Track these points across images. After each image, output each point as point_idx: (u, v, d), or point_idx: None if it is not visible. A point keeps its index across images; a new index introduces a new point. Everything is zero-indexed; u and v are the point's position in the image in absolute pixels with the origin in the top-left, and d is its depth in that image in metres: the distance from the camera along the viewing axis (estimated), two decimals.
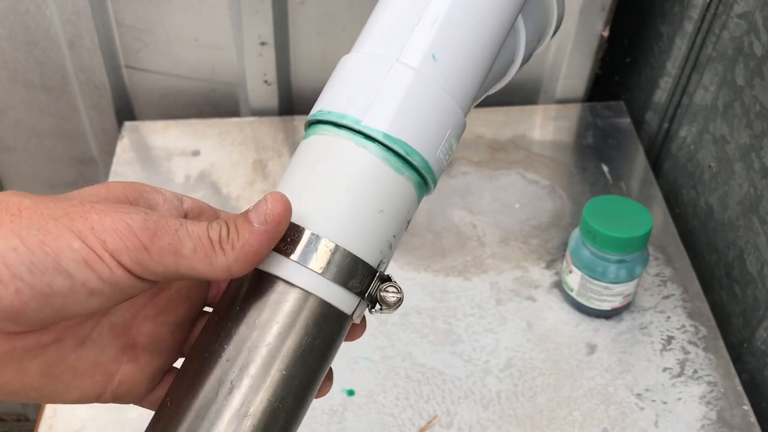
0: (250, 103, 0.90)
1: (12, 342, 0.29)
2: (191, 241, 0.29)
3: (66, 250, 0.27)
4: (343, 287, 0.32)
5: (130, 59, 0.87)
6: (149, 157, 0.83)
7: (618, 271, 0.64)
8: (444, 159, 0.34)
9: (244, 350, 0.31)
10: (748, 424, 0.61)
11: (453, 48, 0.34)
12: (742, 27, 0.67)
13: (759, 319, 0.65)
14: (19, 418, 1.20)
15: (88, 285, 0.28)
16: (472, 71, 0.34)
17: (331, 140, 0.32)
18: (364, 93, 0.33)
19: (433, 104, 0.33)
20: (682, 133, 0.80)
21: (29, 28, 0.82)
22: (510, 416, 0.61)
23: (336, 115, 0.32)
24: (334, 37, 0.87)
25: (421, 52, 0.33)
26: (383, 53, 0.34)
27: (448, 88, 0.33)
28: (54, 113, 0.90)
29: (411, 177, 0.33)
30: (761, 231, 0.65)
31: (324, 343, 0.32)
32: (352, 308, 0.32)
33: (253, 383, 0.30)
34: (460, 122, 0.34)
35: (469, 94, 0.35)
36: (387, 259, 0.33)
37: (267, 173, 0.81)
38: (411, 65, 0.33)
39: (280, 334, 0.31)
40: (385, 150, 0.32)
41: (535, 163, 0.83)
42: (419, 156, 0.32)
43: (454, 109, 0.34)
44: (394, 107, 0.32)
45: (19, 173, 0.95)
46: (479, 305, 0.69)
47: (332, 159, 0.32)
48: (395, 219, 0.33)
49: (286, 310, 0.31)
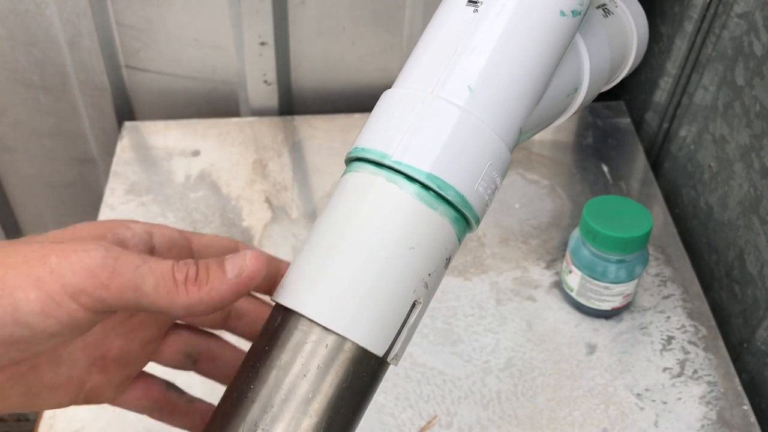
0: (250, 103, 0.90)
1: None
2: (153, 278, 0.29)
3: (23, 303, 0.27)
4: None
5: (130, 59, 0.87)
6: (149, 157, 0.83)
7: (618, 271, 0.64)
8: (485, 193, 0.33)
9: (276, 395, 0.30)
10: (748, 424, 0.61)
11: (490, 79, 0.33)
12: (742, 27, 0.67)
13: (759, 319, 0.65)
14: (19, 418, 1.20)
15: (48, 331, 0.28)
16: (513, 102, 0.33)
17: (361, 176, 0.32)
18: (395, 128, 0.32)
19: (466, 135, 0.32)
20: (682, 133, 0.80)
21: (29, 28, 0.82)
22: (510, 416, 0.61)
23: (367, 151, 0.32)
24: (334, 37, 0.87)
25: (454, 84, 0.32)
26: (416, 87, 0.33)
27: (485, 119, 0.32)
28: (54, 113, 0.90)
29: (446, 212, 0.32)
30: (761, 231, 0.65)
31: (360, 390, 0.31)
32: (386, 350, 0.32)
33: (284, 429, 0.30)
34: (502, 154, 0.33)
35: (512, 126, 0.33)
36: (424, 299, 0.32)
37: (267, 173, 0.81)
38: (442, 97, 0.32)
39: (315, 380, 0.30)
40: (416, 184, 0.31)
41: (534, 163, 0.83)
42: (453, 190, 0.31)
43: (493, 140, 0.32)
44: (423, 140, 0.31)
45: (19, 173, 0.95)
46: (479, 305, 0.69)
47: (364, 196, 0.32)
48: (429, 256, 0.32)
49: (321, 355, 0.30)
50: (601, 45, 0.39)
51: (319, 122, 0.87)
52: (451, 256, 0.33)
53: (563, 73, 0.36)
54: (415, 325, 0.32)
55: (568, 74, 0.37)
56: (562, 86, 0.37)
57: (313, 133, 0.86)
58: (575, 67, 0.37)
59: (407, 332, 0.32)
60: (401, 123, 0.32)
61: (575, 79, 0.38)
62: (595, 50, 0.38)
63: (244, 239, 0.74)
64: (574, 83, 0.38)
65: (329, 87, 0.91)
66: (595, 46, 0.38)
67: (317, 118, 0.88)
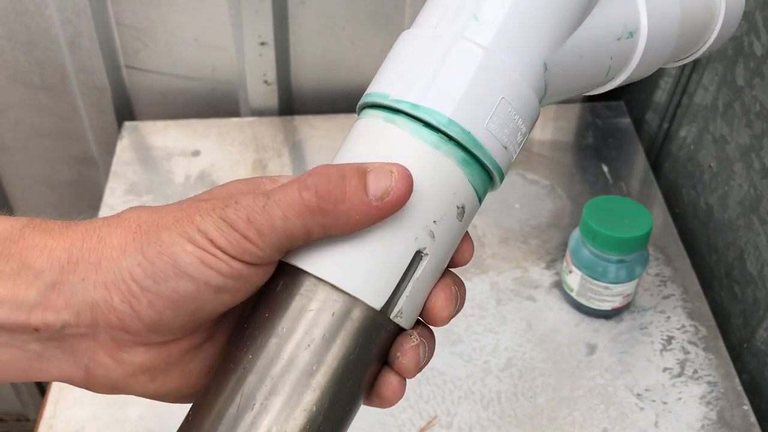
0: (250, 103, 0.90)
1: (167, 349, 0.30)
2: (281, 211, 0.28)
3: (181, 255, 0.28)
4: None
5: (129, 59, 0.87)
6: (149, 157, 0.83)
7: (618, 271, 0.64)
8: (501, 134, 0.29)
9: (275, 365, 0.28)
10: (748, 425, 0.61)
11: (501, 5, 0.29)
12: (743, 27, 0.67)
13: (759, 319, 0.65)
14: (19, 418, 1.20)
15: (212, 283, 0.28)
16: (527, 26, 0.29)
17: (364, 121, 0.30)
18: (393, 69, 0.30)
19: (470, 66, 0.28)
20: (682, 133, 0.80)
21: (29, 28, 0.82)
22: (510, 416, 0.61)
23: (369, 95, 0.30)
24: (334, 37, 0.87)
25: (458, 16, 0.29)
26: (418, 25, 0.30)
27: (497, 50, 0.29)
28: (54, 113, 0.90)
29: (451, 152, 0.29)
30: (761, 231, 0.65)
31: (365, 357, 0.29)
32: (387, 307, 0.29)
33: (284, 404, 0.28)
34: (519, 90, 0.29)
35: (529, 56, 0.29)
36: (432, 251, 0.29)
37: (267, 173, 0.81)
38: (440, 29, 0.29)
39: (322, 343, 0.28)
40: (415, 122, 0.29)
41: (535, 163, 0.83)
42: (456, 125, 0.28)
43: (504, 71, 0.29)
44: (419, 74, 0.29)
45: (19, 173, 0.95)
46: (479, 305, 0.69)
47: (365, 137, 0.30)
48: (432, 201, 0.28)
49: (319, 315, 0.28)
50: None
51: (319, 122, 0.87)
52: (464, 205, 0.29)
53: (608, 7, 0.32)
54: (425, 281, 0.29)
55: (615, 10, 0.32)
56: (607, 24, 0.32)
57: (313, 133, 0.86)
58: (625, 5, 0.33)
59: (413, 287, 0.29)
60: (399, 60, 0.30)
61: (627, 20, 0.33)
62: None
63: None
64: (625, 25, 0.33)
65: (329, 87, 0.91)
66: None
67: (317, 118, 0.88)
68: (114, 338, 0.29)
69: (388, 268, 0.28)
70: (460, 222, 0.30)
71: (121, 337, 0.29)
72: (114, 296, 0.28)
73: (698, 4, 0.37)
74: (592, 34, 0.31)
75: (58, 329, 0.29)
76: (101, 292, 0.28)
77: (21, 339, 0.29)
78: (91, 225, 0.30)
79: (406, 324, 0.30)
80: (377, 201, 0.27)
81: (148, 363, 0.30)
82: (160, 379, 0.31)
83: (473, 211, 0.30)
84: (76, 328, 0.29)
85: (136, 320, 0.28)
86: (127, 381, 0.30)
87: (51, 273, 0.28)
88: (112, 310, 0.28)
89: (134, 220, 0.29)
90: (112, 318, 0.28)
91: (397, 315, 0.29)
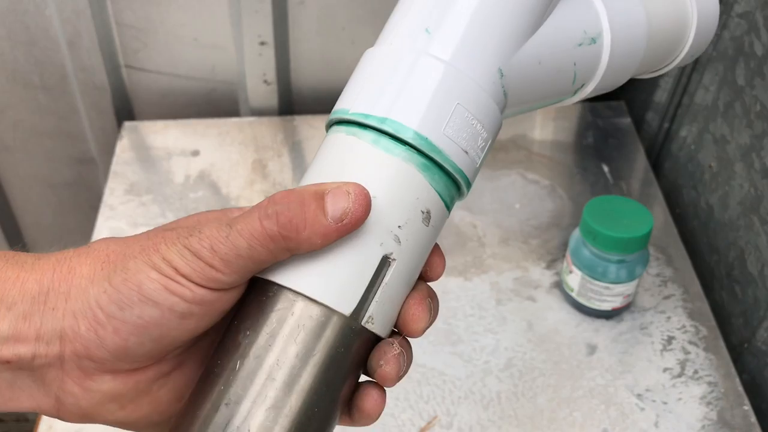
0: (249, 103, 0.90)
1: (135, 377, 0.30)
2: (245, 240, 0.28)
3: (146, 282, 0.28)
4: None
5: (129, 59, 0.87)
6: (149, 157, 0.83)
7: (618, 272, 0.64)
8: (460, 139, 0.30)
9: (257, 374, 0.29)
10: (749, 425, 0.61)
11: (451, 18, 0.30)
12: (743, 27, 0.67)
13: (759, 320, 0.65)
14: (18, 419, 1.20)
15: (176, 309, 0.29)
16: (477, 33, 0.30)
17: (330, 137, 0.31)
18: (353, 84, 0.31)
19: (422, 76, 0.29)
20: (682, 133, 0.80)
21: (29, 28, 0.82)
22: (510, 416, 0.61)
23: (333, 113, 0.31)
24: (334, 37, 0.87)
25: (411, 30, 0.30)
26: (379, 41, 0.32)
27: (449, 59, 0.30)
28: (53, 113, 0.90)
29: (410, 158, 0.29)
30: (762, 231, 0.65)
31: (340, 363, 0.29)
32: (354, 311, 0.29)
33: (268, 412, 0.28)
34: (474, 96, 0.30)
35: (482, 61, 0.30)
36: (399, 256, 0.30)
37: (267, 173, 0.81)
38: (393, 44, 0.31)
39: (297, 355, 0.29)
40: (373, 131, 0.30)
41: (535, 163, 0.83)
42: (411, 131, 0.29)
43: (456, 77, 0.29)
44: (374, 88, 0.30)
45: (19, 173, 0.95)
46: (479, 305, 0.69)
47: (330, 151, 0.31)
48: (394, 206, 0.29)
49: (286, 322, 0.29)
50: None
51: (319, 122, 0.87)
52: (429, 210, 0.30)
53: (564, 13, 0.32)
54: (395, 287, 0.30)
55: (572, 16, 0.33)
56: (564, 30, 0.32)
57: (313, 133, 0.86)
58: (583, 11, 0.33)
59: (383, 292, 0.29)
60: (356, 77, 0.31)
61: (586, 25, 0.33)
62: (618, 2, 0.34)
63: None
64: (585, 30, 0.33)
65: (329, 87, 0.91)
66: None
67: (317, 118, 0.88)
68: (80, 366, 0.29)
69: (354, 273, 0.29)
70: (427, 227, 0.30)
71: (87, 366, 0.29)
72: (81, 324, 0.29)
73: (665, 7, 0.37)
74: (549, 39, 0.32)
75: (29, 360, 0.29)
76: (69, 321, 0.29)
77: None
78: (62, 256, 0.30)
79: (379, 331, 0.30)
80: (336, 222, 0.28)
81: (116, 391, 0.30)
82: (129, 407, 0.31)
83: (441, 217, 0.31)
84: (45, 358, 0.29)
85: (101, 347, 0.29)
86: (96, 409, 0.31)
87: (23, 304, 0.29)
88: (78, 337, 0.29)
89: (103, 250, 0.30)
90: (78, 346, 0.29)
91: (368, 321, 0.29)
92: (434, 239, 0.31)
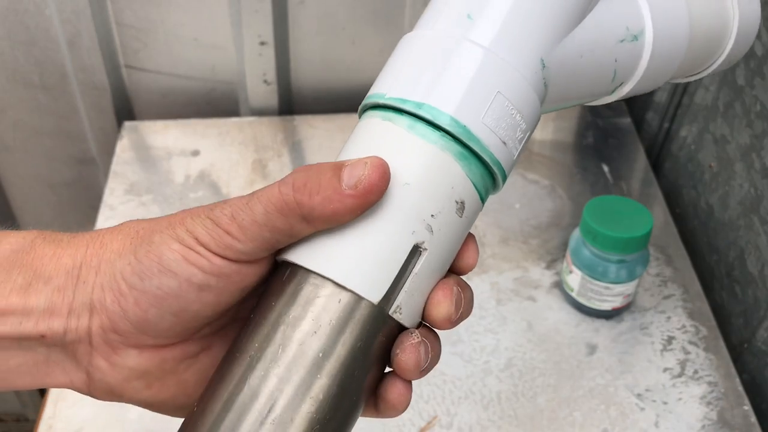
0: (249, 103, 0.90)
1: (160, 355, 0.31)
2: (262, 206, 0.29)
3: (166, 252, 0.29)
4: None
5: (129, 59, 0.87)
6: (149, 157, 0.83)
7: (618, 271, 0.64)
8: (498, 129, 0.29)
9: (283, 352, 0.28)
10: (749, 425, 0.61)
11: (494, 4, 0.30)
12: None
13: (759, 320, 0.65)
14: (18, 419, 1.20)
15: (193, 280, 0.29)
16: (522, 23, 0.30)
17: (364, 122, 0.31)
18: (390, 69, 0.30)
19: (462, 62, 0.29)
20: (682, 133, 0.80)
21: (29, 28, 0.82)
22: (510, 416, 0.61)
23: (368, 97, 0.31)
24: (334, 37, 0.87)
25: (453, 15, 0.30)
26: (419, 25, 0.31)
27: (491, 46, 0.29)
28: (53, 113, 0.90)
29: (447, 146, 0.29)
30: (762, 231, 0.65)
31: (371, 350, 0.29)
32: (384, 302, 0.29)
33: (294, 391, 0.28)
34: (516, 86, 0.29)
35: (526, 52, 0.29)
36: (430, 246, 0.29)
37: (267, 173, 0.81)
38: (437, 29, 0.30)
39: (326, 338, 0.28)
40: (409, 117, 0.29)
41: (535, 162, 0.83)
42: (449, 118, 0.28)
43: (499, 65, 0.29)
44: (412, 72, 0.29)
45: (19, 173, 0.95)
46: (479, 305, 0.69)
47: (363, 136, 0.30)
48: (428, 194, 0.28)
49: (325, 307, 0.28)
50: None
51: (319, 122, 0.87)
52: (464, 201, 0.29)
53: (608, 7, 0.32)
54: (425, 277, 0.29)
55: (616, 11, 0.32)
56: (607, 25, 0.32)
57: (313, 133, 0.86)
58: (627, 7, 0.33)
59: (412, 282, 0.29)
60: (394, 62, 0.31)
61: (629, 22, 0.33)
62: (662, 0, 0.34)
63: None
64: (628, 27, 0.33)
65: (329, 87, 0.91)
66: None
67: (317, 118, 0.88)
68: (107, 341, 0.30)
69: (385, 261, 0.28)
70: (461, 218, 0.29)
71: (113, 339, 0.30)
72: (107, 296, 0.29)
73: (708, 9, 0.36)
74: (592, 33, 0.31)
75: (61, 335, 0.30)
76: (98, 293, 0.29)
77: (28, 344, 0.30)
78: (96, 233, 0.31)
79: (406, 321, 0.29)
80: (351, 189, 0.28)
81: (142, 367, 0.31)
82: (155, 386, 0.31)
83: (475, 209, 0.30)
84: (75, 333, 0.30)
85: (124, 319, 0.29)
86: (122, 386, 0.31)
87: (57, 279, 0.30)
88: (104, 310, 0.29)
89: (134, 227, 0.31)
90: (104, 319, 0.29)
91: (396, 310, 0.29)
92: (466, 231, 0.31)
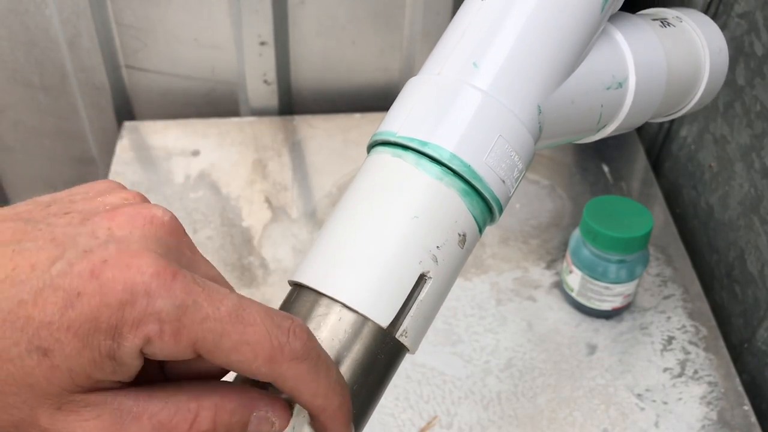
0: (249, 103, 0.90)
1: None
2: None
3: None
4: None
5: (129, 59, 0.87)
6: (149, 157, 0.83)
7: (618, 272, 0.64)
8: (499, 168, 0.32)
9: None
10: (749, 425, 0.61)
11: (494, 52, 0.33)
12: (743, 27, 0.67)
13: (759, 320, 0.65)
14: None
15: None
16: (522, 73, 0.33)
17: (374, 157, 0.33)
18: (399, 108, 0.33)
19: (467, 105, 0.32)
20: (682, 133, 0.80)
21: (29, 28, 0.82)
22: (510, 416, 0.61)
23: (378, 134, 0.33)
24: (334, 37, 0.87)
25: (457, 61, 0.33)
26: (425, 71, 0.34)
27: (490, 90, 0.32)
28: (53, 113, 0.90)
29: (453, 183, 0.31)
30: (762, 231, 0.65)
31: (376, 370, 0.31)
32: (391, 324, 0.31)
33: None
34: (515, 129, 0.32)
35: (524, 99, 0.33)
36: (435, 275, 0.31)
37: (267, 173, 0.81)
38: (444, 74, 0.33)
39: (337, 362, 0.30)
40: (418, 155, 0.32)
41: (535, 163, 0.83)
42: (456, 159, 0.31)
43: (500, 111, 0.32)
44: (422, 113, 0.32)
45: (19, 173, 0.95)
46: (479, 305, 0.69)
47: (374, 171, 0.33)
48: (434, 227, 0.31)
49: (333, 327, 0.30)
50: (651, 47, 0.38)
51: (319, 122, 0.87)
52: (465, 233, 0.32)
53: (597, 59, 0.35)
54: (429, 304, 0.32)
55: (603, 62, 0.36)
56: (596, 74, 0.36)
57: (313, 133, 0.86)
58: (613, 58, 0.36)
59: (417, 308, 0.31)
60: (405, 103, 0.33)
61: (615, 71, 0.36)
62: (643, 49, 0.37)
63: (244, 239, 0.74)
64: (614, 75, 0.36)
65: (329, 87, 0.91)
66: (643, 45, 0.37)
67: (317, 118, 0.88)
68: None
69: (392, 287, 0.31)
70: (462, 249, 0.32)
71: None
72: None
73: (683, 59, 0.40)
74: (583, 81, 0.35)
75: None
76: None
77: None
78: None
79: (410, 345, 0.32)
80: None
81: None
82: None
83: (474, 241, 0.33)
84: None
85: None
86: None
87: None
88: None
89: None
90: None
91: (402, 334, 0.31)
92: (465, 261, 0.33)
